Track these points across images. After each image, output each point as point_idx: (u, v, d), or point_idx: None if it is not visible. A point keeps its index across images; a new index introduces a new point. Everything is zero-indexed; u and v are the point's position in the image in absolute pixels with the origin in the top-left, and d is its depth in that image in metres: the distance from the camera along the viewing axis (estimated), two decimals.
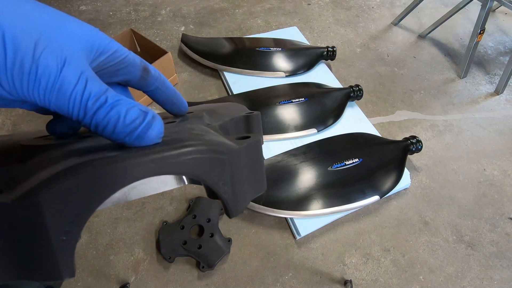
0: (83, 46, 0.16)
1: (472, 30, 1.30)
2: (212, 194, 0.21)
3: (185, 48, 1.30)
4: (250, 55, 1.27)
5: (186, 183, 0.22)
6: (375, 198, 0.92)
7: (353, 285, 0.83)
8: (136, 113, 0.16)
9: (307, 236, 0.90)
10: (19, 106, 0.17)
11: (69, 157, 0.15)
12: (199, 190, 0.96)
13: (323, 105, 1.11)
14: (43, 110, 0.19)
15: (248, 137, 0.21)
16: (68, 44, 0.15)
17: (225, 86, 1.24)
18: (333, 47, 1.28)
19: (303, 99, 1.11)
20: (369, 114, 1.20)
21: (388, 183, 0.94)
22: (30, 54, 0.13)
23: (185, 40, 1.31)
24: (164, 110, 0.25)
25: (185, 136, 0.18)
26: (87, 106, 0.15)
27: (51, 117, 0.20)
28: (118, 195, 0.20)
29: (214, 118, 0.23)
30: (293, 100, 1.11)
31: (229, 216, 0.20)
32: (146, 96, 0.24)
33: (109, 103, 0.15)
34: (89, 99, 0.15)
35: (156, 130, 0.16)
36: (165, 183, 0.21)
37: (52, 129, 0.20)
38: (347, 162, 0.96)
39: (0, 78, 0.13)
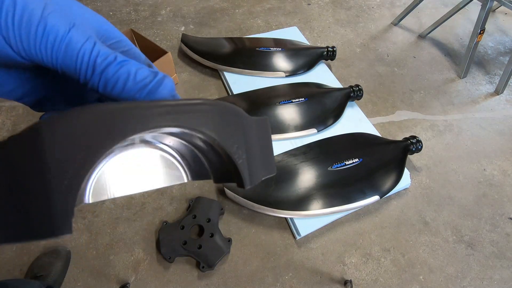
0: (92, 25, 0.16)
1: (472, 30, 1.30)
2: (219, 176, 0.20)
3: (185, 48, 1.30)
4: (250, 55, 1.27)
5: (190, 178, 0.21)
6: (375, 198, 0.92)
7: (353, 285, 0.83)
8: (146, 71, 0.16)
9: (307, 236, 0.90)
10: (21, 97, 0.17)
11: None
12: (199, 190, 0.96)
13: (323, 105, 1.11)
14: (39, 105, 0.19)
15: None
16: (77, 17, 0.15)
17: (225, 86, 1.24)
18: (333, 47, 1.28)
19: (303, 99, 1.11)
20: (369, 114, 1.20)
21: (388, 183, 0.94)
22: (38, 12, 0.14)
23: (185, 40, 1.31)
24: None
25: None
26: (96, 62, 0.15)
27: None
28: (123, 189, 0.19)
29: None
30: (293, 100, 1.11)
31: (244, 186, 0.18)
32: None
33: (118, 61, 0.15)
34: (98, 56, 0.15)
35: (168, 87, 0.16)
36: (169, 177, 0.21)
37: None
38: (347, 162, 0.96)
39: (8, 35, 0.13)
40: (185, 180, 0.21)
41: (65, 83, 0.19)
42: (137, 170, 0.19)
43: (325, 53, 1.27)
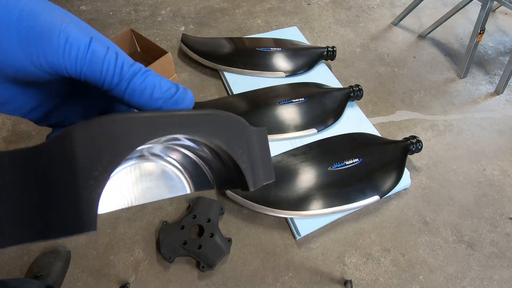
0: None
1: (472, 30, 1.30)
2: (222, 184, 0.21)
3: (185, 48, 1.30)
4: (250, 55, 1.27)
5: (193, 190, 0.22)
6: (375, 198, 0.92)
7: (353, 285, 0.83)
8: (169, 83, 0.16)
9: (307, 236, 0.90)
10: (27, 113, 0.17)
11: None
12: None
13: (323, 105, 1.11)
14: (43, 121, 0.19)
15: None
16: (92, 31, 0.15)
17: (225, 86, 1.24)
18: (333, 47, 1.28)
19: (303, 99, 1.11)
20: (369, 114, 1.20)
21: (388, 183, 0.94)
22: (58, 24, 0.14)
23: (185, 40, 1.31)
24: None
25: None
26: (122, 70, 0.15)
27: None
28: (133, 195, 0.20)
29: None
30: (293, 100, 1.11)
31: (248, 188, 0.20)
32: None
33: (144, 71, 0.15)
34: (124, 65, 0.15)
35: (191, 98, 0.17)
36: (172, 189, 0.22)
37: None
38: (347, 162, 0.96)
39: (29, 47, 0.13)
40: (188, 192, 0.22)
41: (70, 99, 0.19)
42: (143, 182, 0.21)
43: (325, 53, 1.27)
